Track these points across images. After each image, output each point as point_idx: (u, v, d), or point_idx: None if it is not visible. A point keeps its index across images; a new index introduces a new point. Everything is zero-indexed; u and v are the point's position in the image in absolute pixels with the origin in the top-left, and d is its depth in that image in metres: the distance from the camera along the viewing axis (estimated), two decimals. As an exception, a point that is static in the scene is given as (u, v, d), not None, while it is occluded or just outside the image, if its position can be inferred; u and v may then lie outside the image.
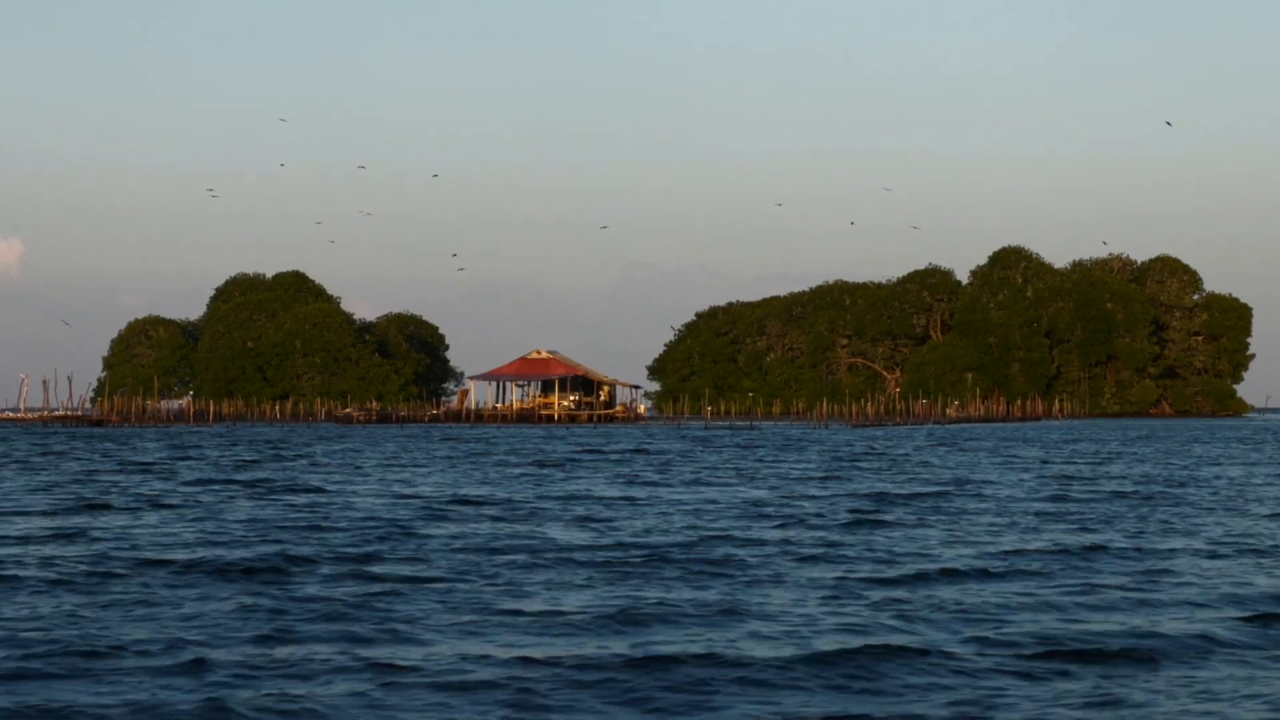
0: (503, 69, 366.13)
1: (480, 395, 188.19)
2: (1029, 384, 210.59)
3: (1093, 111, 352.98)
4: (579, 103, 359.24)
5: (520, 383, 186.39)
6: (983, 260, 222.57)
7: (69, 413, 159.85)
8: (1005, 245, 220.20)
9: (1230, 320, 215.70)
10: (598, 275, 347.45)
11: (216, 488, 48.52)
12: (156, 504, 40.72)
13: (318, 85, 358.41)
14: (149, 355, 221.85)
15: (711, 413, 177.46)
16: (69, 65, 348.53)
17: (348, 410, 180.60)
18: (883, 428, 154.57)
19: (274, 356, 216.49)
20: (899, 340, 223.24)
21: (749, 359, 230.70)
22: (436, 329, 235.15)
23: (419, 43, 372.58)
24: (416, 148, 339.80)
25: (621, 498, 43.83)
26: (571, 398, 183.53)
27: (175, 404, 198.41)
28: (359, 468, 63.38)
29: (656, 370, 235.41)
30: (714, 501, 42.16)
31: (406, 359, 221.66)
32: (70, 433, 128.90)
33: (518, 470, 61.23)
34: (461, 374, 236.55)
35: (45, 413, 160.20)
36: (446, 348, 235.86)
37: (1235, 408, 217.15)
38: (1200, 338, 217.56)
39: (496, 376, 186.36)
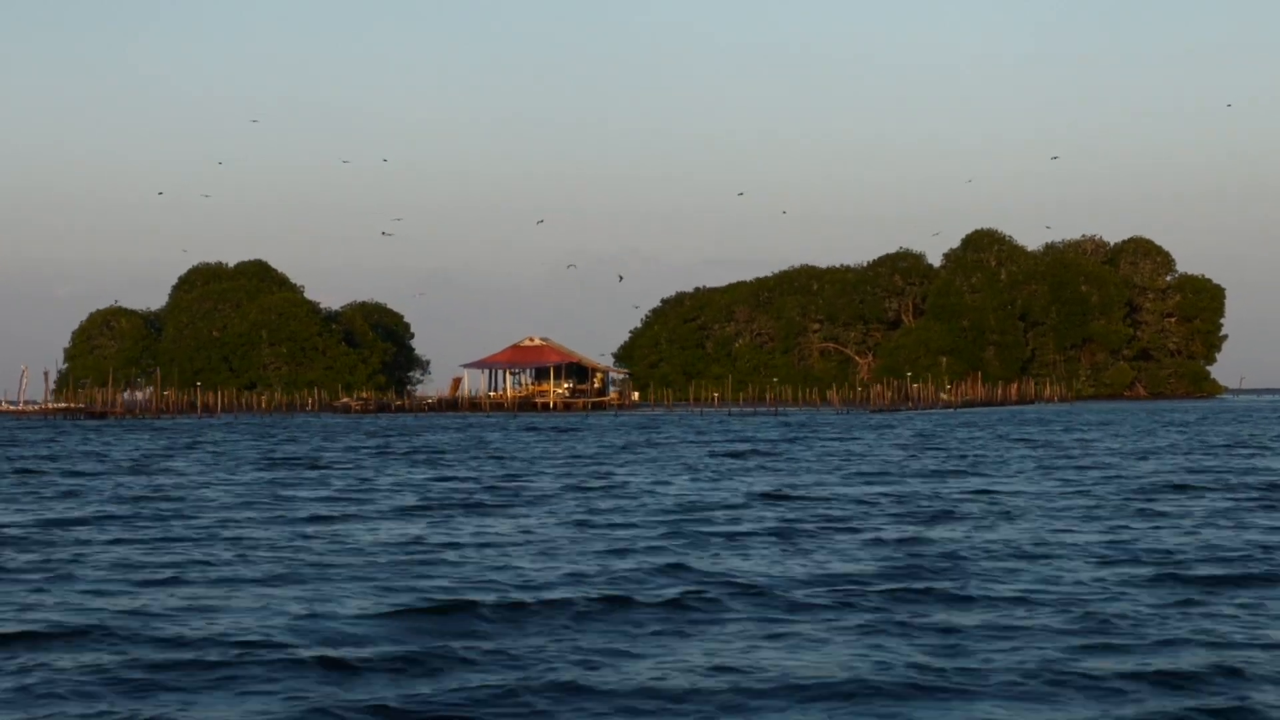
0: (461, 56, 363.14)
1: (466, 383, 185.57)
2: (1004, 367, 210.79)
3: (1060, 96, 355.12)
4: (527, 89, 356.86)
5: (514, 370, 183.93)
6: (943, 245, 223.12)
7: (72, 405, 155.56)
8: (978, 228, 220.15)
9: (1203, 301, 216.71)
10: (535, 262, 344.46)
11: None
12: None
13: (267, 75, 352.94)
14: (111, 346, 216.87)
15: (719, 399, 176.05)
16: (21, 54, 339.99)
17: (345, 400, 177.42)
18: (918, 412, 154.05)
19: (240, 346, 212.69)
20: (870, 325, 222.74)
21: (717, 345, 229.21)
22: (401, 317, 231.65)
23: (372, 33, 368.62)
24: (363, 137, 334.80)
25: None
26: (566, 385, 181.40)
27: (137, 395, 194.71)
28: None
29: (623, 357, 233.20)
30: None
31: (373, 348, 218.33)
32: (123, 426, 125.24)
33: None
34: (428, 362, 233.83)
35: (46, 404, 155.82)
36: (411, 336, 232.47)
37: (1209, 389, 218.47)
38: (1173, 319, 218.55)
39: (489, 364, 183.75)
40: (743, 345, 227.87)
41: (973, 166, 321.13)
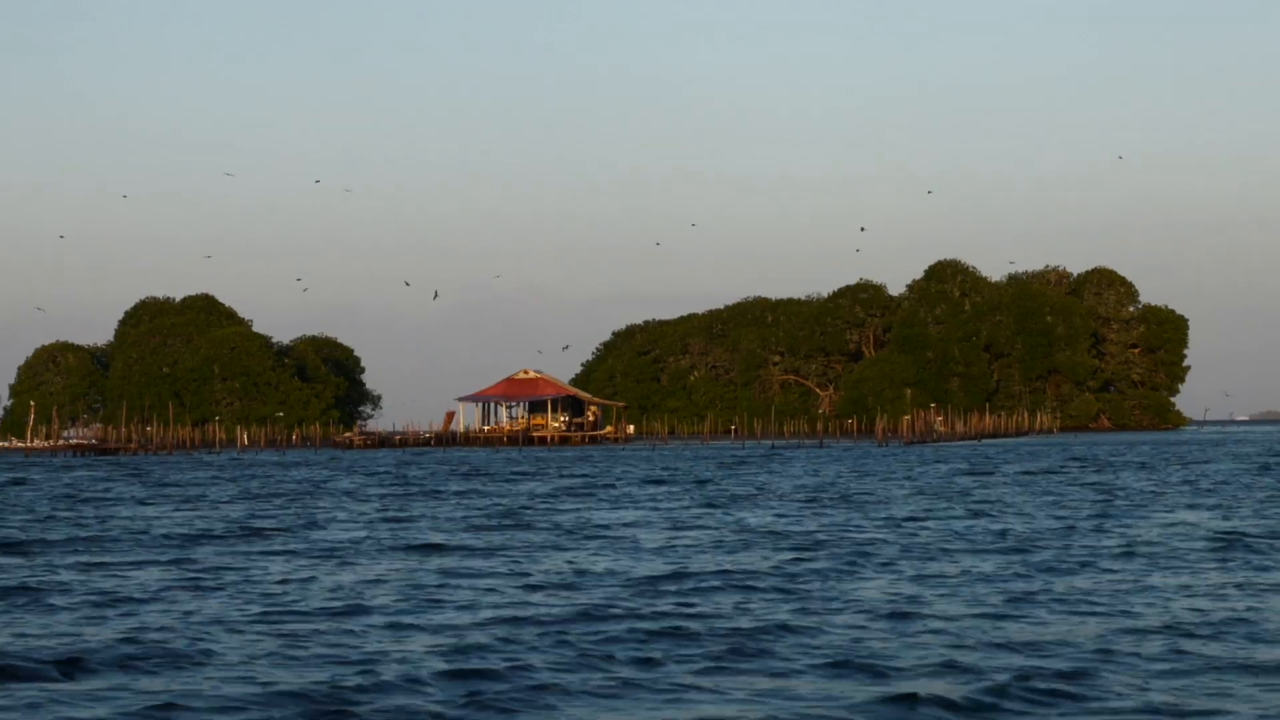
0: (369, 91, 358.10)
1: (461, 416, 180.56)
2: (969, 399, 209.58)
3: (1019, 124, 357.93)
4: (429, 121, 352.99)
5: (509, 403, 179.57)
6: (904, 274, 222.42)
7: (83, 441, 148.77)
8: (941, 259, 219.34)
9: (1167, 332, 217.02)
10: (427, 297, 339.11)
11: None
12: None
13: (166, 104, 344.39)
14: (58, 382, 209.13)
15: (736, 432, 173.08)
16: None
17: (347, 434, 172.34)
18: (938, 444, 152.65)
19: (191, 381, 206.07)
20: (831, 357, 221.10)
21: (672, 378, 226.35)
22: (351, 351, 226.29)
23: (285, 63, 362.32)
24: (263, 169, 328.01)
25: None
26: (562, 418, 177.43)
27: (82, 430, 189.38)
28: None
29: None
30: None
31: (326, 382, 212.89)
32: (176, 462, 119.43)
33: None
34: (379, 396, 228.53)
35: (55, 442, 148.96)
36: (362, 370, 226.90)
37: (1173, 420, 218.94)
38: (1137, 350, 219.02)
39: (483, 397, 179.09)
40: (698, 378, 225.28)
41: (936, 193, 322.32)
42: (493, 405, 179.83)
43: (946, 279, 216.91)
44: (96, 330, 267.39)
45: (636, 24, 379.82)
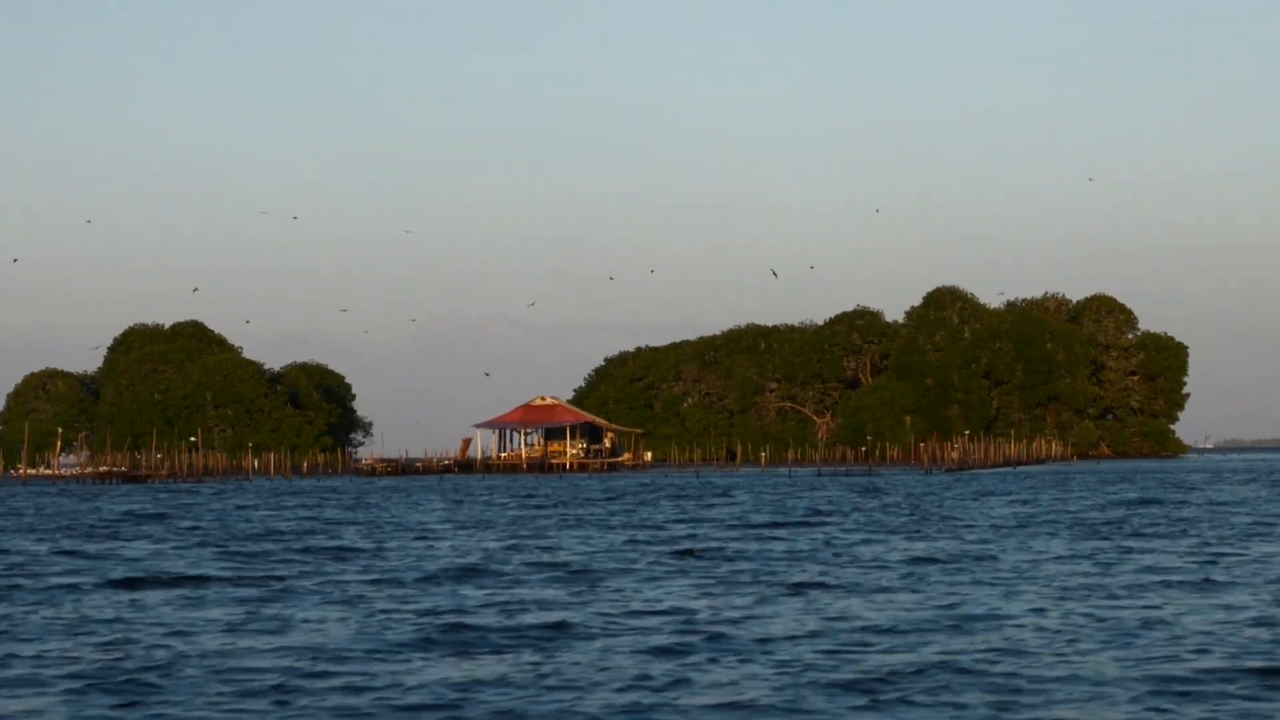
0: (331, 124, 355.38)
1: (478, 442, 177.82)
2: (968, 426, 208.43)
3: (1020, 153, 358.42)
4: (393, 151, 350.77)
5: (526, 430, 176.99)
6: (902, 303, 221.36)
7: (112, 469, 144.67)
8: (939, 286, 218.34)
9: (1166, 359, 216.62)
10: (395, 324, 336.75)
11: None
12: None
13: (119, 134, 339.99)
14: (48, 409, 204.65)
15: (766, 460, 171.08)
16: None
17: (369, 462, 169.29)
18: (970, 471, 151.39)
19: (183, 409, 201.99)
20: (828, 384, 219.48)
21: (665, 405, 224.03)
22: (342, 378, 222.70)
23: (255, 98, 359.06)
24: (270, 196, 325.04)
25: None
26: (580, 444, 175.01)
27: (72, 458, 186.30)
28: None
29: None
30: None
31: (319, 409, 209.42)
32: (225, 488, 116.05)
33: None
34: (369, 424, 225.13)
35: (80, 469, 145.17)
36: (353, 397, 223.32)
37: (1173, 448, 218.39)
38: (1136, 377, 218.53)
39: (500, 424, 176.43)
40: (692, 405, 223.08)
41: (923, 226, 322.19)
42: (509, 432, 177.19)
43: (945, 306, 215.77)
44: (83, 358, 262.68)
45: (629, 52, 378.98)
